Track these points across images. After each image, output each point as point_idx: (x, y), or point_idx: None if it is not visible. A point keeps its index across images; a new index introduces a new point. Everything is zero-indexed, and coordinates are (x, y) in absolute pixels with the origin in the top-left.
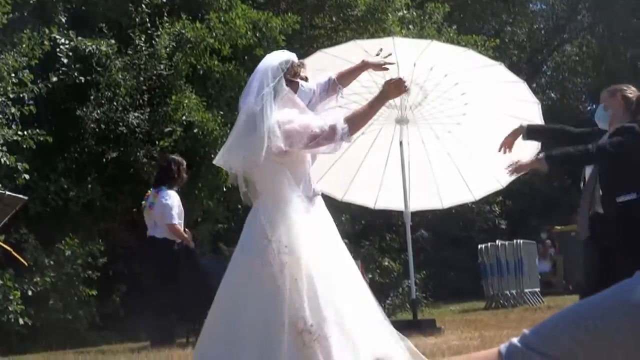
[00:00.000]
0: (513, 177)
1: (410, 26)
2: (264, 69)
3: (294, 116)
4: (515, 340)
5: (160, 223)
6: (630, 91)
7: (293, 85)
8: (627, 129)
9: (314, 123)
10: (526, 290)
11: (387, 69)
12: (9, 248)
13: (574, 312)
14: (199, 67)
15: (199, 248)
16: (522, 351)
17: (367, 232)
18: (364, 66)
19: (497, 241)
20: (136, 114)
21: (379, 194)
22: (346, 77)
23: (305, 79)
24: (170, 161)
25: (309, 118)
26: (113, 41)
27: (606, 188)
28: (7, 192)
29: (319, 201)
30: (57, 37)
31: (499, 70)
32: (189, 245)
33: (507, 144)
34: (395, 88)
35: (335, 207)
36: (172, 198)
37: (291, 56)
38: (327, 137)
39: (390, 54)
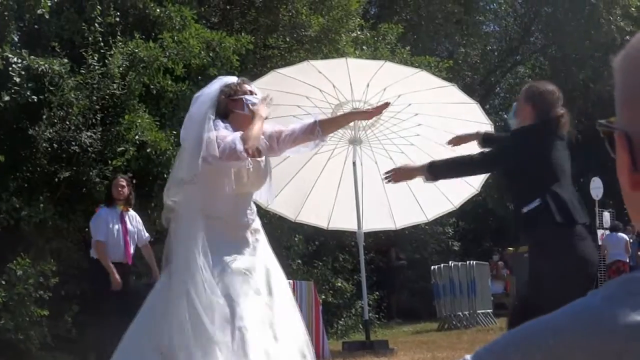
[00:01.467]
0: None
1: (364, 47)
2: (204, 98)
3: (226, 133)
4: (468, 357)
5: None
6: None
7: (237, 103)
8: (514, 134)
9: (229, 138)
10: (479, 311)
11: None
12: None
13: (527, 329)
14: (152, 86)
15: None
16: None
17: (321, 252)
18: (350, 116)
19: (450, 262)
20: (89, 134)
21: (332, 214)
22: (330, 123)
23: (250, 93)
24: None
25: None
26: (66, 60)
27: (513, 201)
28: None
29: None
30: (10, 55)
31: (452, 92)
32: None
33: (459, 140)
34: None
35: (289, 227)
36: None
37: (229, 79)
38: (229, 154)
39: (388, 103)
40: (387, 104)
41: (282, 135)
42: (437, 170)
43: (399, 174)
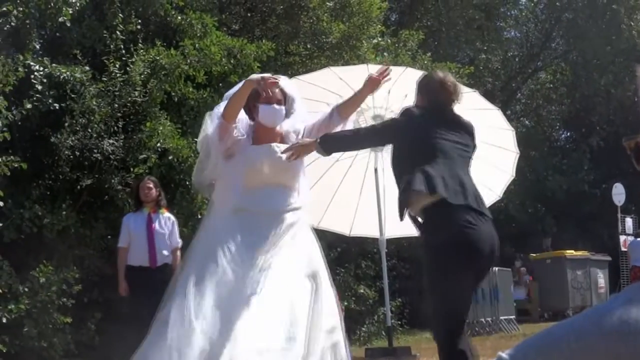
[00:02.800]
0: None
1: (385, 53)
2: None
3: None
4: None
5: None
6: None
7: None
8: (401, 112)
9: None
10: (502, 318)
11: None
12: None
13: (548, 334)
14: (173, 94)
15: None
16: None
17: (343, 259)
18: (362, 91)
19: None
20: (111, 141)
21: (354, 221)
22: (346, 105)
23: (273, 99)
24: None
25: None
26: (87, 68)
27: (395, 179)
28: None
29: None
30: (32, 63)
31: (473, 98)
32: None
33: (297, 152)
34: (371, 85)
35: None
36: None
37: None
38: (218, 129)
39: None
40: (388, 67)
41: (305, 131)
42: (327, 145)
43: (298, 150)
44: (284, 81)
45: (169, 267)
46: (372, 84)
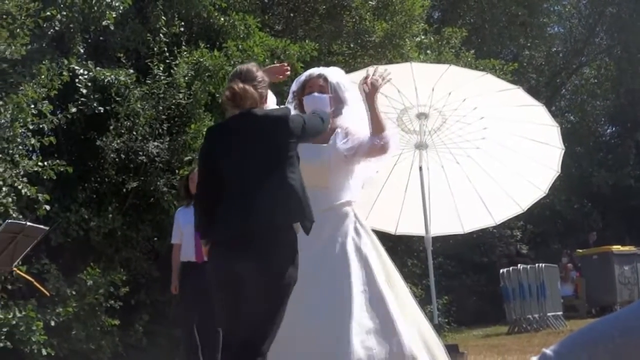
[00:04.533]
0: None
1: (428, 51)
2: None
3: None
4: (534, 358)
5: None
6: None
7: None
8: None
9: None
10: (549, 314)
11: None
12: (31, 279)
13: (593, 330)
14: (217, 95)
15: None
16: None
17: (389, 258)
18: (370, 106)
19: (519, 265)
20: (156, 143)
21: (399, 219)
22: (372, 122)
23: (315, 87)
24: None
25: None
26: (131, 71)
27: None
28: (28, 223)
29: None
30: (76, 67)
31: (518, 94)
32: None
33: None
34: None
35: None
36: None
37: (301, 77)
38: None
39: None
40: (374, 70)
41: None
42: (204, 235)
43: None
44: (329, 71)
45: None
46: (371, 93)
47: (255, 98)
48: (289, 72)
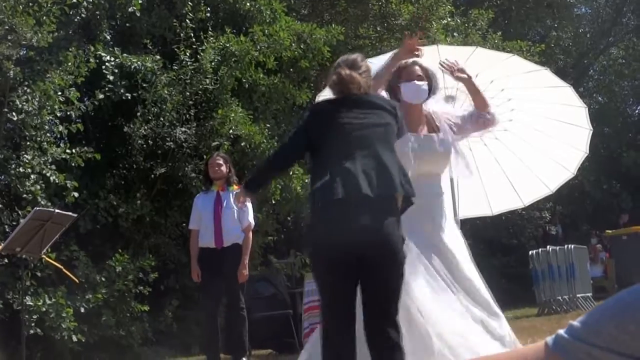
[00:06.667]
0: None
1: (455, 34)
2: None
3: None
4: (561, 331)
5: None
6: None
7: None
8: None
9: None
10: (578, 296)
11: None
12: (60, 266)
13: (620, 301)
14: (244, 80)
15: None
16: (569, 342)
17: None
18: (470, 82)
19: (548, 247)
20: (183, 129)
21: None
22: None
23: (413, 75)
24: None
25: None
26: (158, 57)
27: None
28: (57, 210)
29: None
30: (103, 54)
31: (545, 75)
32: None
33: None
34: (406, 51)
35: None
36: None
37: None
38: None
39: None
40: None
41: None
42: (251, 185)
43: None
44: (422, 61)
45: (239, 247)
46: (466, 76)
47: (361, 84)
48: (420, 47)
